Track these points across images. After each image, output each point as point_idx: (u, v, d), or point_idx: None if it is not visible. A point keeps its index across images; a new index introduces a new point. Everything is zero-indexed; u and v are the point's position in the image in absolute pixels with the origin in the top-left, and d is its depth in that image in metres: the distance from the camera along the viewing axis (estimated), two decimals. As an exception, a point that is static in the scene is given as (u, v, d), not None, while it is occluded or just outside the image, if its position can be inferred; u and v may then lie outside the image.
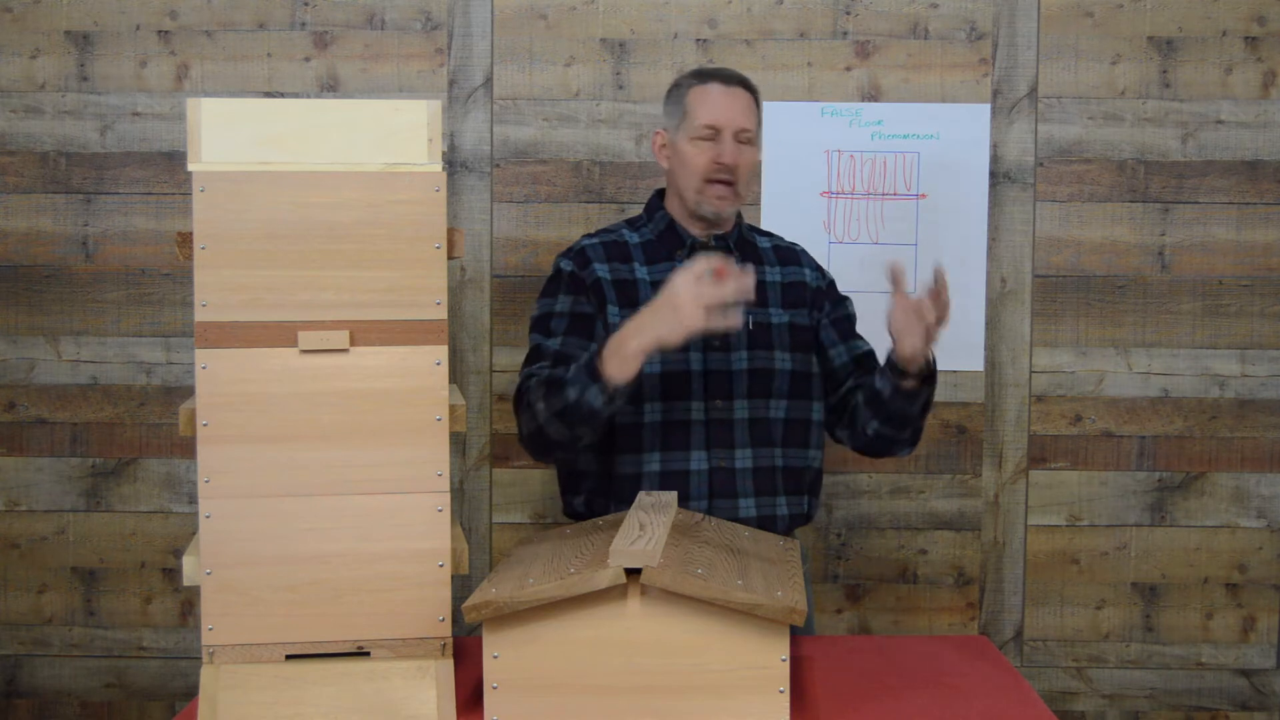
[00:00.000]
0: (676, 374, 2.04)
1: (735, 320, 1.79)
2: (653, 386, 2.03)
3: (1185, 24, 2.78)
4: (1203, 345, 2.82)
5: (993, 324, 2.81)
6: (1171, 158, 2.79)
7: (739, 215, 2.18)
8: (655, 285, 2.06)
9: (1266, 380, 2.82)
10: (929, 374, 2.00)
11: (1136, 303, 2.81)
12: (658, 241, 2.12)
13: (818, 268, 2.21)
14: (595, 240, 2.14)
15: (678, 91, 2.11)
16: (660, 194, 2.18)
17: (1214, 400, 2.83)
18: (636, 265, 2.10)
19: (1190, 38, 2.78)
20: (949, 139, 2.79)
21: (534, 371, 2.00)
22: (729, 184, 2.05)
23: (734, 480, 2.05)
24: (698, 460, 2.04)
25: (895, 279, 1.93)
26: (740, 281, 1.77)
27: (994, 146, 2.79)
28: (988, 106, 2.78)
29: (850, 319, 2.20)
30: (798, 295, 2.14)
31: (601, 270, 2.08)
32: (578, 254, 2.11)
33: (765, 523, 2.05)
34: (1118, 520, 2.84)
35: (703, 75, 2.10)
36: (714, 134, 2.05)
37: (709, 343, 2.04)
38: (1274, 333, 2.81)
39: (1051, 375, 2.82)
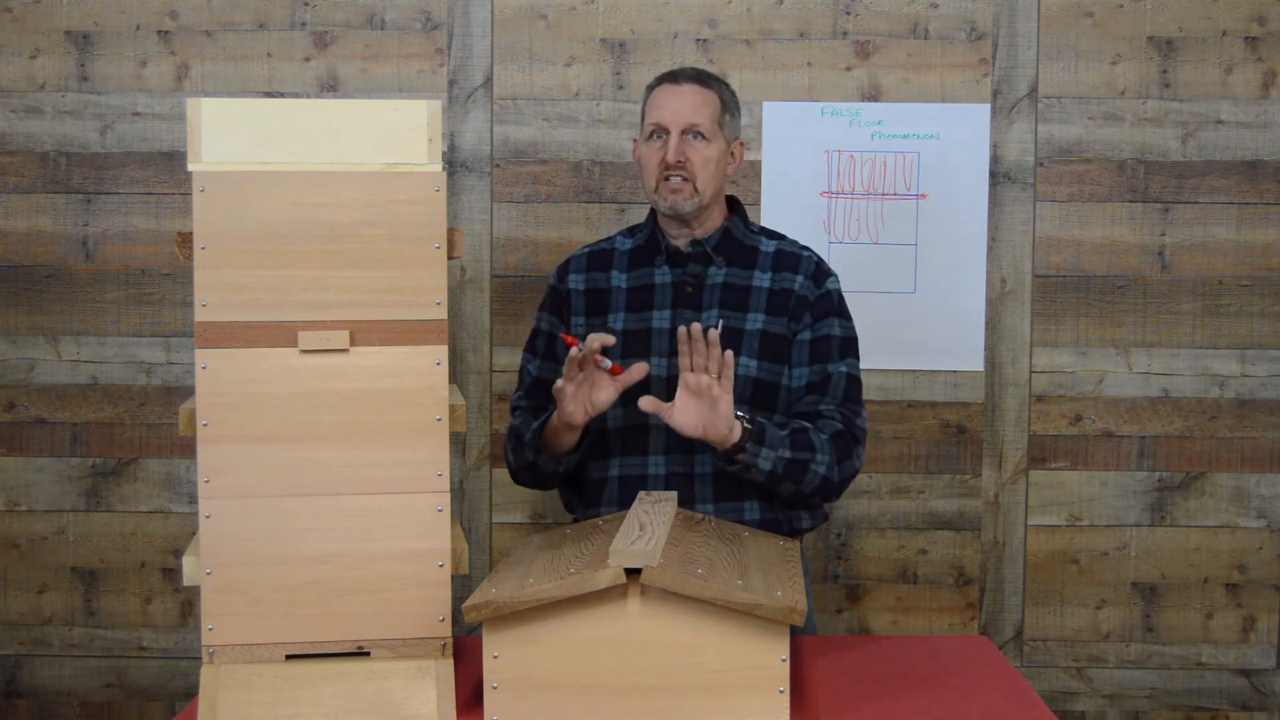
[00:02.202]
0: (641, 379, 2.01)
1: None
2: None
3: (1185, 24, 2.78)
4: (1203, 345, 2.82)
5: (993, 324, 2.81)
6: (1171, 158, 2.79)
7: (735, 213, 2.15)
8: (631, 292, 2.11)
9: (1266, 380, 2.82)
10: (749, 437, 1.92)
11: (1136, 303, 2.81)
12: (643, 248, 2.15)
13: (815, 277, 2.10)
14: (586, 250, 2.21)
15: (644, 96, 2.15)
16: None
17: (1214, 400, 2.82)
18: (615, 273, 2.14)
19: (1190, 38, 2.78)
20: (949, 139, 2.79)
21: (516, 404, 2.18)
22: (683, 180, 2.03)
23: (692, 485, 2.03)
24: (655, 465, 2.04)
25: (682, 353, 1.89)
26: (591, 344, 1.85)
27: (994, 146, 2.79)
28: (988, 106, 2.78)
29: (830, 339, 2.07)
30: (782, 303, 2.08)
31: (576, 281, 2.15)
32: (564, 265, 2.20)
33: None
34: (1118, 520, 2.84)
35: (658, 78, 2.12)
36: (661, 133, 2.06)
37: (675, 348, 1.99)
38: (1274, 333, 2.81)
39: (1051, 375, 2.82)
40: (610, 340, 1.86)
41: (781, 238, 2.18)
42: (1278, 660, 2.86)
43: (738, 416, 1.91)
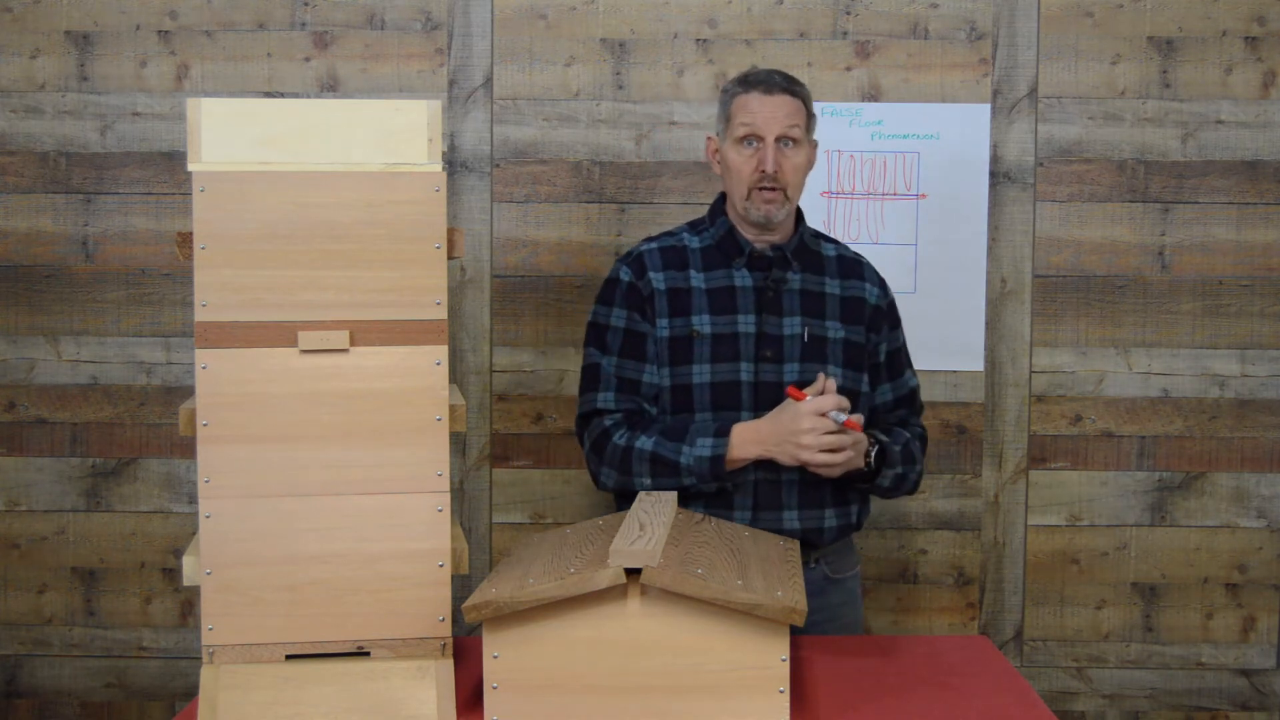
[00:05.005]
0: (727, 384, 2.05)
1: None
2: (704, 397, 2.05)
3: (1185, 24, 2.78)
4: (1203, 345, 2.82)
5: (993, 324, 2.81)
6: (1171, 158, 2.79)
7: (801, 220, 2.16)
8: (710, 293, 2.08)
9: (1266, 380, 2.82)
10: (878, 466, 2.07)
11: (1136, 303, 2.81)
12: (717, 248, 2.12)
13: (881, 284, 2.20)
14: (654, 245, 2.14)
15: (724, 98, 2.11)
16: (723, 197, 2.17)
17: (1214, 400, 2.83)
18: (692, 272, 2.10)
19: (1190, 38, 2.78)
20: (949, 139, 2.79)
21: (601, 406, 2.08)
22: (775, 188, 2.05)
23: (779, 492, 2.05)
24: (745, 471, 2.03)
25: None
26: (858, 438, 1.97)
27: (994, 146, 2.79)
28: (988, 106, 2.78)
29: (902, 350, 2.22)
30: (856, 311, 2.13)
31: (658, 280, 2.09)
32: (635, 260, 2.13)
33: (810, 535, 2.06)
34: (1118, 520, 2.84)
35: (746, 83, 2.09)
36: (755, 140, 2.05)
37: (760, 354, 2.06)
38: (1274, 333, 2.81)
39: (1051, 375, 2.82)
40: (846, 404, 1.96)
41: (835, 241, 2.22)
42: (1278, 660, 2.86)
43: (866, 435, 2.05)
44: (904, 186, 2.79)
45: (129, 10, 2.77)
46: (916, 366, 2.79)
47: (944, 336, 2.80)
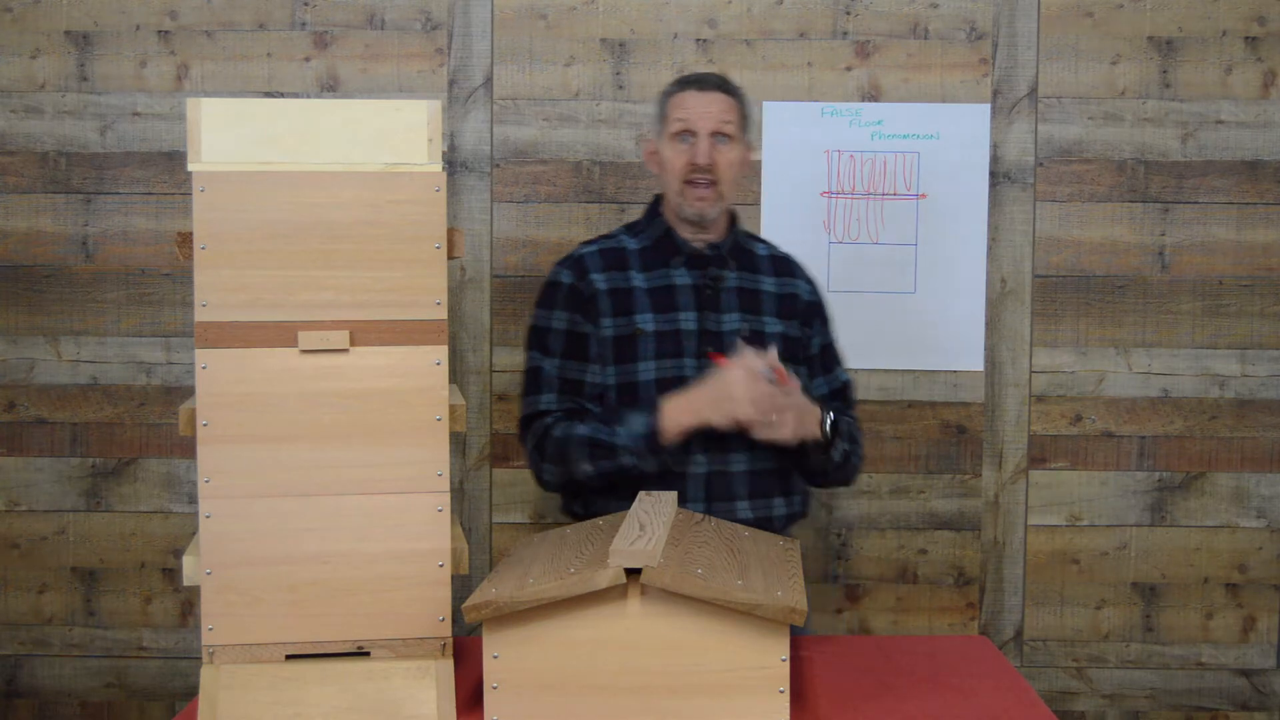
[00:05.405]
0: (672, 380, 2.06)
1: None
2: (650, 394, 2.06)
3: (1185, 24, 2.78)
4: (1203, 345, 2.82)
5: (993, 324, 2.81)
6: (1171, 158, 2.79)
7: (734, 221, 2.19)
8: (651, 292, 2.11)
9: (1266, 380, 2.82)
10: (830, 439, 2.07)
11: (1136, 303, 2.81)
12: (654, 248, 2.16)
13: (811, 281, 2.25)
14: (594, 248, 2.18)
15: (661, 99, 2.17)
16: (660, 199, 2.21)
17: (1214, 400, 2.82)
18: (633, 272, 2.14)
19: (1190, 38, 2.78)
20: (949, 139, 2.79)
21: (545, 407, 2.09)
22: (709, 184, 2.08)
23: (730, 483, 2.07)
24: (696, 463, 2.06)
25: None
26: (794, 386, 1.96)
27: (994, 146, 2.79)
28: (988, 106, 2.78)
29: (832, 345, 2.24)
30: (790, 307, 2.18)
31: (599, 281, 2.12)
32: (575, 263, 2.16)
33: (762, 524, 2.07)
34: (1118, 520, 2.84)
35: (681, 82, 2.15)
36: (689, 135, 2.09)
37: (703, 349, 2.08)
38: (1274, 333, 2.81)
39: (1051, 375, 2.82)
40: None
41: (764, 241, 2.28)
42: (1278, 660, 2.86)
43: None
44: (904, 186, 2.79)
45: (129, 10, 2.77)
46: (917, 367, 2.82)
47: (944, 336, 2.80)
